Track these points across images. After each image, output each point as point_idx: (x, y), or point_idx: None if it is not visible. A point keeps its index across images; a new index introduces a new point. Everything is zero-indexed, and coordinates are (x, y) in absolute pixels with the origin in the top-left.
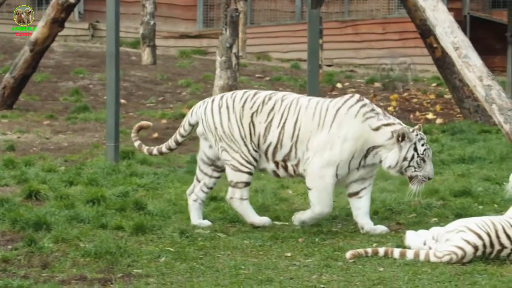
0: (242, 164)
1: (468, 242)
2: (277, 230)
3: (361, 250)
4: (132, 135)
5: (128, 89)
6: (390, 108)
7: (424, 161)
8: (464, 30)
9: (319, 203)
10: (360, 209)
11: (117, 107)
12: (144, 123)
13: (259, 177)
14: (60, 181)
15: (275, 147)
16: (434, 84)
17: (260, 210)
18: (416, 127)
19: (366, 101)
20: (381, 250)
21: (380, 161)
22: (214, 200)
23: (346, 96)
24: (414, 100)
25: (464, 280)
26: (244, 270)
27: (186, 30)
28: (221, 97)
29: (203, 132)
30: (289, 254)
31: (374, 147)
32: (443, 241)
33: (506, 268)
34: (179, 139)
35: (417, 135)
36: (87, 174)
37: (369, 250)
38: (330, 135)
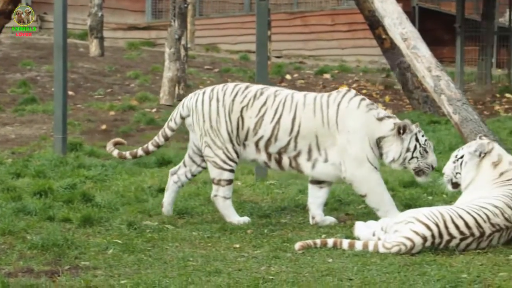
0: (224, 162)
1: (417, 233)
2: (225, 221)
3: (310, 241)
4: (108, 147)
5: (76, 81)
6: None
7: (426, 151)
8: (412, 21)
9: (380, 204)
10: (318, 198)
11: (65, 99)
12: (118, 140)
13: (207, 169)
14: (7, 173)
15: (268, 140)
16: (383, 75)
17: (209, 201)
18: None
19: (362, 96)
20: (330, 241)
21: (381, 155)
22: (162, 192)
23: (343, 90)
24: (364, 91)
25: (413, 271)
26: (192, 261)
27: (134, 22)
28: (212, 90)
29: (191, 124)
30: (237, 246)
31: (380, 138)
32: (392, 232)
33: (455, 258)
34: (169, 133)
35: (416, 126)
36: (35, 166)
37: (318, 241)
38: (341, 134)
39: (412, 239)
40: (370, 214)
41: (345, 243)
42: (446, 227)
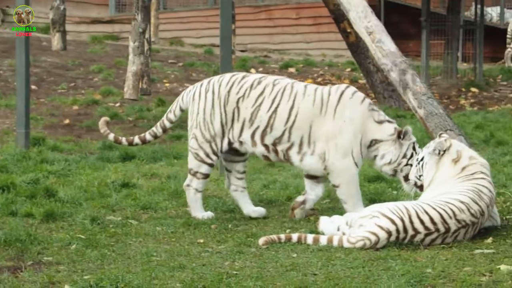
0: (207, 155)
1: (381, 228)
2: (189, 216)
3: (274, 236)
4: (102, 130)
5: (39, 75)
6: None
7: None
8: (378, 15)
9: (350, 197)
10: (314, 193)
11: (27, 93)
12: (106, 118)
13: (172, 163)
14: None
15: (264, 130)
16: (348, 69)
17: (173, 196)
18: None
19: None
20: (295, 236)
21: (375, 157)
22: (125, 187)
23: (344, 84)
24: (329, 85)
25: (377, 266)
26: (156, 257)
27: (98, 15)
28: (209, 81)
29: (189, 117)
30: (201, 241)
31: (376, 141)
32: (356, 227)
33: (420, 253)
34: (167, 124)
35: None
36: None
37: (283, 236)
38: (336, 121)
39: (376, 234)
40: (335, 209)
41: (310, 238)
42: (411, 222)
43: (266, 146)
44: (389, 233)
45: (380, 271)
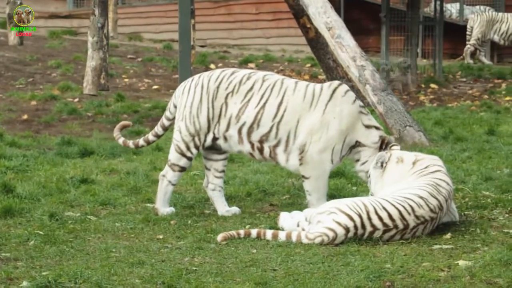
0: (188, 149)
1: (339, 224)
2: (149, 212)
3: (233, 232)
4: (115, 133)
5: None
6: None
7: None
8: (338, 10)
9: (317, 191)
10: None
11: None
12: (126, 122)
13: (131, 159)
14: None
15: (250, 126)
16: (308, 65)
17: (132, 192)
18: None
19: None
20: (254, 232)
21: (356, 160)
22: (84, 182)
23: (338, 81)
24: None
25: (337, 261)
26: (115, 253)
27: (56, 10)
28: (199, 76)
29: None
30: (161, 237)
31: (360, 144)
32: (315, 223)
33: (379, 248)
34: (166, 123)
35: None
36: None
37: (242, 232)
38: (325, 116)
39: (334, 230)
40: (294, 205)
41: (269, 233)
42: (369, 218)
43: (251, 143)
44: (347, 229)
45: (340, 267)
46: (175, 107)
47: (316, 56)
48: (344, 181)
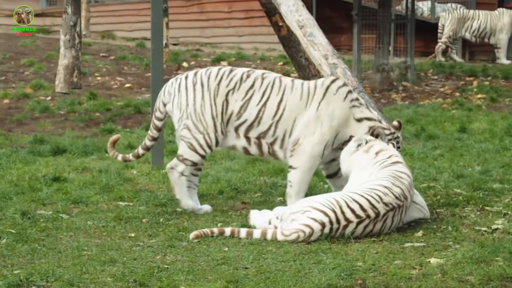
0: (201, 146)
1: (315, 220)
2: (121, 210)
3: (207, 230)
4: (110, 152)
5: None
6: None
7: None
8: (310, 8)
9: (299, 183)
10: (342, 186)
11: None
12: (114, 137)
13: (103, 157)
14: None
15: (251, 124)
16: (280, 63)
17: (104, 190)
18: (396, 123)
19: (350, 87)
20: (228, 230)
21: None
22: (56, 181)
23: (331, 77)
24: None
25: (308, 259)
26: (87, 251)
27: None
28: (195, 74)
29: (171, 109)
30: (133, 235)
31: (352, 138)
32: (289, 221)
33: (351, 246)
34: (158, 123)
35: (392, 134)
36: None
37: (215, 229)
38: (319, 113)
39: (310, 226)
40: (266, 203)
41: (243, 231)
42: (343, 212)
43: (248, 138)
44: (323, 225)
45: (311, 265)
46: (165, 105)
47: (288, 54)
48: (316, 179)
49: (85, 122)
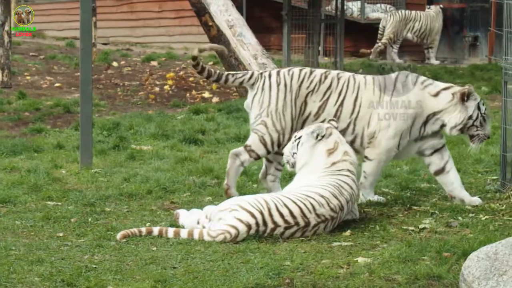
0: (272, 144)
1: (241, 221)
2: (49, 210)
3: (135, 230)
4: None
5: None
6: (166, 87)
7: (485, 120)
8: (240, 9)
9: (373, 175)
10: (454, 183)
11: None
12: None
13: (32, 157)
14: None
15: None
16: (210, 63)
17: (33, 190)
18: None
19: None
20: (156, 230)
21: (442, 126)
22: None
23: (398, 72)
24: (191, 78)
25: (237, 259)
26: (14, 251)
27: None
28: (278, 73)
29: (249, 105)
30: (61, 235)
31: (434, 113)
32: (216, 220)
33: (279, 246)
34: None
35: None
36: None
37: (143, 229)
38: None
39: (236, 227)
40: (195, 202)
41: (171, 231)
42: (271, 215)
43: None
44: (249, 226)
45: (239, 264)
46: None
47: (218, 54)
48: (245, 179)
49: (14, 121)
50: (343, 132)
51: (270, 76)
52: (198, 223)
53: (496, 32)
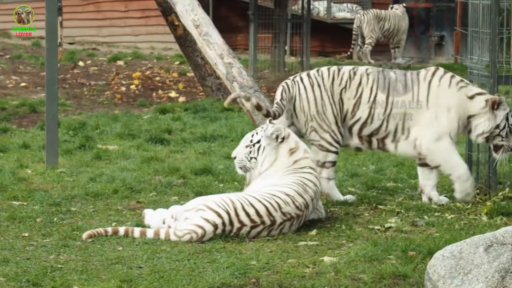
0: (331, 144)
1: (208, 221)
2: (14, 210)
3: (100, 230)
4: None
5: None
6: (132, 87)
7: (511, 131)
8: (206, 8)
9: (452, 169)
10: (430, 180)
11: None
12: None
13: None
14: None
15: (365, 122)
16: (177, 62)
17: None
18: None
19: (451, 73)
20: (121, 230)
21: (469, 131)
22: None
23: (432, 69)
24: (157, 78)
25: (203, 258)
26: None
27: None
28: (308, 76)
29: (294, 114)
30: (26, 234)
31: (470, 116)
32: (182, 220)
33: (245, 245)
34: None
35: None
36: None
37: (109, 229)
38: (430, 109)
39: (203, 227)
40: (161, 202)
41: (137, 231)
42: (237, 215)
43: (361, 137)
44: (215, 226)
45: (205, 264)
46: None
47: (184, 54)
48: (211, 178)
49: None
50: (376, 131)
51: (302, 79)
52: (164, 222)
53: (462, 31)
